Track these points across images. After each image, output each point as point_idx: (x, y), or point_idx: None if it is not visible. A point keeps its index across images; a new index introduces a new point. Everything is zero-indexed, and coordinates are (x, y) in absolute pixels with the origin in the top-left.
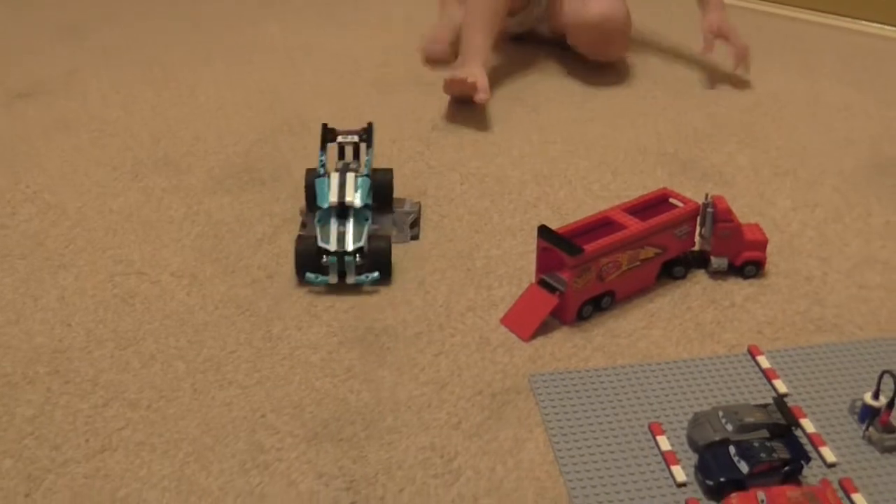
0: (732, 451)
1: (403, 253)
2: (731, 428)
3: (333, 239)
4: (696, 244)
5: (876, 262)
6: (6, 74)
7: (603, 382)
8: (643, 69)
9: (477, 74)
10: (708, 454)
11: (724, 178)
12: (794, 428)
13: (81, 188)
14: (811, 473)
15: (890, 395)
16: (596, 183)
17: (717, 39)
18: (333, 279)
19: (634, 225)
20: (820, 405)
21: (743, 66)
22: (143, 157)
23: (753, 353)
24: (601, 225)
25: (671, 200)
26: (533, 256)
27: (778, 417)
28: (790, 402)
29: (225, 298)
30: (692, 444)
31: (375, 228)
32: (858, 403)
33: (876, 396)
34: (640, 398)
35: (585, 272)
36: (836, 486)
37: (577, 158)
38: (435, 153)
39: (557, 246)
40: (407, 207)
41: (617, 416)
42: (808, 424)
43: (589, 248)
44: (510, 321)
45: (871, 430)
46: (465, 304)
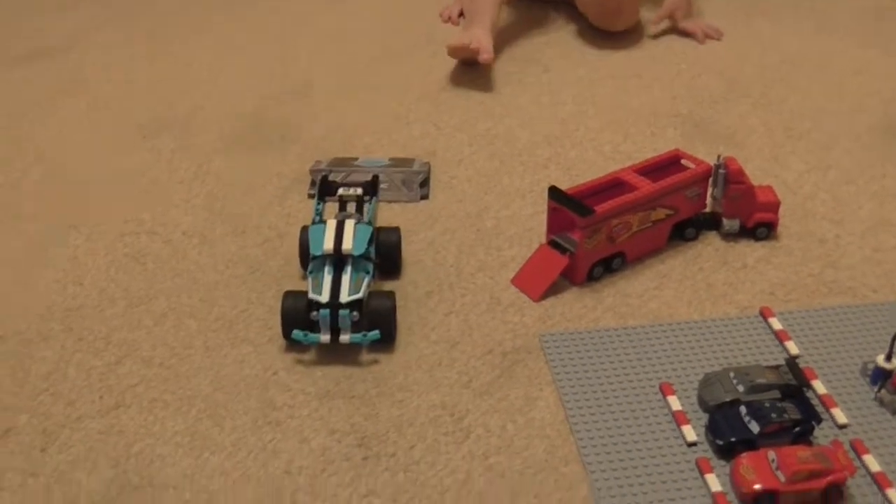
0: (743, 411)
1: (414, 213)
2: (742, 388)
3: (326, 289)
4: (707, 206)
5: (890, 224)
6: (12, 38)
7: (613, 342)
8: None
9: (480, 37)
10: (719, 414)
11: (736, 139)
12: (805, 389)
13: (90, 150)
14: (822, 434)
15: None
16: (607, 144)
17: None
18: (325, 337)
19: (646, 186)
20: (831, 367)
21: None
22: (150, 118)
23: (765, 314)
24: (612, 186)
25: (683, 162)
26: (543, 217)
27: (789, 378)
28: (802, 363)
29: (235, 258)
30: (703, 404)
31: (378, 237)
32: (870, 365)
33: (888, 358)
34: (650, 358)
35: (596, 233)
36: (847, 446)
37: (587, 119)
38: (443, 114)
39: (568, 207)
40: (416, 167)
41: (627, 375)
42: (819, 386)
43: (599, 209)
44: (521, 281)
45: (882, 391)
46: (475, 264)
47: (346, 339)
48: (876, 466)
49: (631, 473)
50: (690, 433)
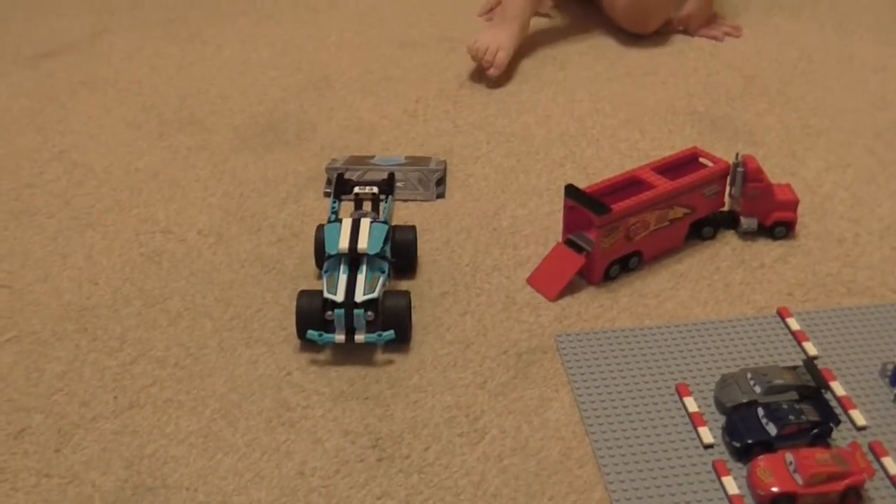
0: (760, 412)
1: (430, 212)
2: (759, 390)
3: (342, 289)
4: (725, 204)
5: None
6: (33, 34)
7: (630, 343)
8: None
9: (499, 47)
10: (736, 416)
11: (755, 137)
12: (823, 390)
13: (108, 147)
14: (840, 436)
15: None
16: (624, 142)
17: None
18: (340, 337)
19: (663, 184)
20: (850, 368)
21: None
22: (168, 115)
23: (783, 314)
24: (629, 184)
25: (701, 160)
26: (559, 216)
27: (807, 380)
28: (820, 364)
29: (251, 257)
30: (719, 405)
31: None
32: (889, 367)
33: None
34: (667, 359)
35: (613, 232)
36: (865, 449)
37: (604, 117)
38: (461, 111)
39: (585, 205)
40: (433, 165)
41: (643, 376)
42: (837, 387)
43: (616, 207)
44: (536, 281)
45: None
46: (490, 263)
47: (360, 338)
48: (895, 469)
49: (647, 475)
50: (707, 435)
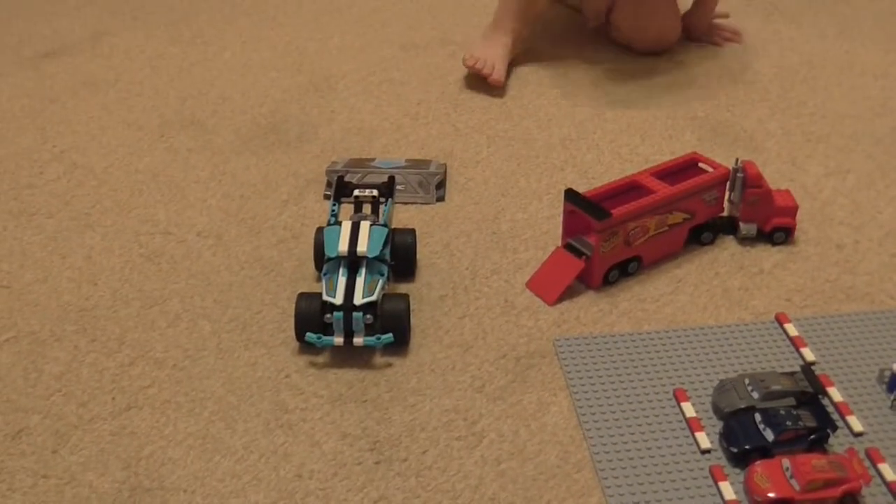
0: (758, 418)
1: (429, 215)
2: (756, 395)
3: (341, 292)
4: (725, 210)
5: None
6: (34, 34)
7: (628, 348)
8: None
9: (494, 62)
10: (733, 421)
11: (754, 143)
12: (820, 396)
13: (108, 148)
14: (837, 442)
15: None
16: (624, 147)
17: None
18: (339, 340)
19: (663, 189)
20: (848, 374)
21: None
22: (169, 116)
23: (781, 320)
24: (629, 189)
25: (700, 165)
26: (559, 220)
27: (805, 385)
28: (817, 370)
29: (251, 259)
30: (717, 411)
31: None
32: (887, 373)
33: None
34: (665, 364)
35: (612, 237)
36: (862, 455)
37: (604, 122)
38: (462, 115)
39: (584, 210)
40: (433, 168)
41: (641, 381)
42: (835, 393)
43: (616, 212)
44: (535, 285)
45: None
46: (490, 267)
47: (359, 341)
48: (892, 475)
49: (644, 480)
50: (704, 440)
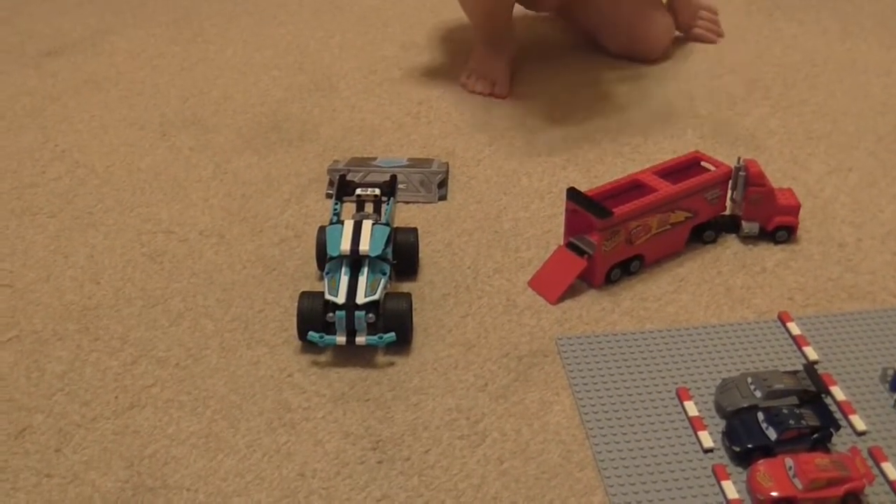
0: (761, 417)
1: (432, 214)
2: (759, 394)
3: (343, 291)
4: (727, 208)
5: None
6: (36, 33)
7: (630, 346)
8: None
9: (495, 77)
10: (736, 420)
11: (756, 141)
12: (823, 395)
13: (110, 147)
14: (840, 441)
15: None
16: (626, 145)
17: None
18: (341, 339)
19: (665, 188)
20: (850, 373)
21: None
22: (171, 115)
23: (784, 319)
24: (631, 188)
25: (703, 164)
26: (561, 219)
27: (807, 384)
28: (820, 369)
29: (253, 258)
30: (720, 409)
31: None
32: (890, 372)
33: None
34: (667, 363)
35: (614, 235)
36: (865, 454)
37: (607, 120)
38: (464, 114)
39: (586, 208)
40: (435, 167)
41: (644, 380)
42: (837, 392)
43: (618, 211)
44: (538, 284)
45: None
46: (492, 266)
47: (361, 340)
48: (895, 474)
49: (647, 479)
50: (707, 439)
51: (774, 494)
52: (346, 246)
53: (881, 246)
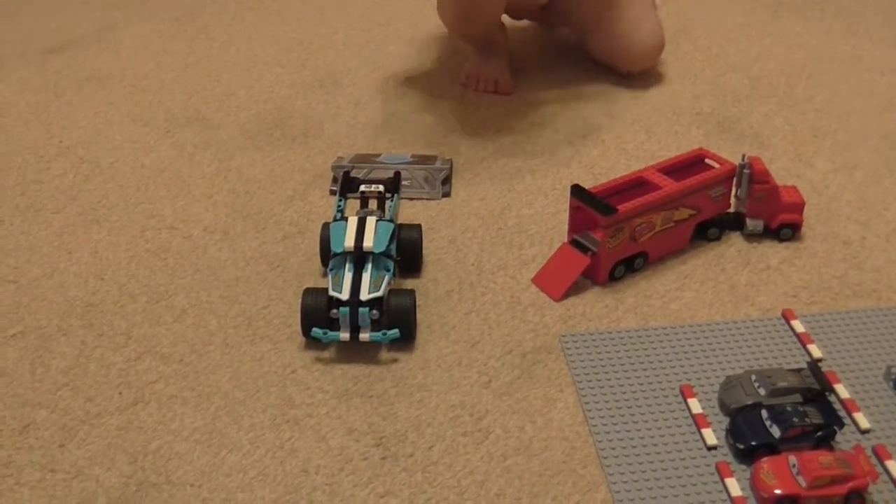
0: (764, 414)
1: (435, 211)
2: (763, 392)
3: (347, 287)
4: (731, 206)
5: None
6: (40, 29)
7: (634, 344)
8: (680, 29)
9: (497, 75)
10: (739, 418)
11: (761, 138)
12: (827, 393)
13: (114, 143)
14: (844, 439)
15: None
16: (630, 143)
17: None
18: (345, 335)
19: (669, 185)
20: (855, 371)
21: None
22: (175, 112)
23: (788, 316)
24: (635, 185)
25: (707, 161)
26: (565, 216)
27: (811, 382)
28: (824, 367)
29: (256, 254)
30: (723, 407)
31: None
32: (894, 370)
33: None
34: (671, 360)
35: (618, 232)
36: (869, 452)
37: (610, 118)
38: (468, 110)
39: (590, 206)
40: (439, 164)
41: (648, 377)
42: (842, 390)
43: (622, 208)
44: (541, 281)
45: None
46: (496, 262)
47: (365, 337)
48: None
49: (650, 476)
50: (711, 436)
51: (778, 492)
52: (349, 242)
53: (886, 244)
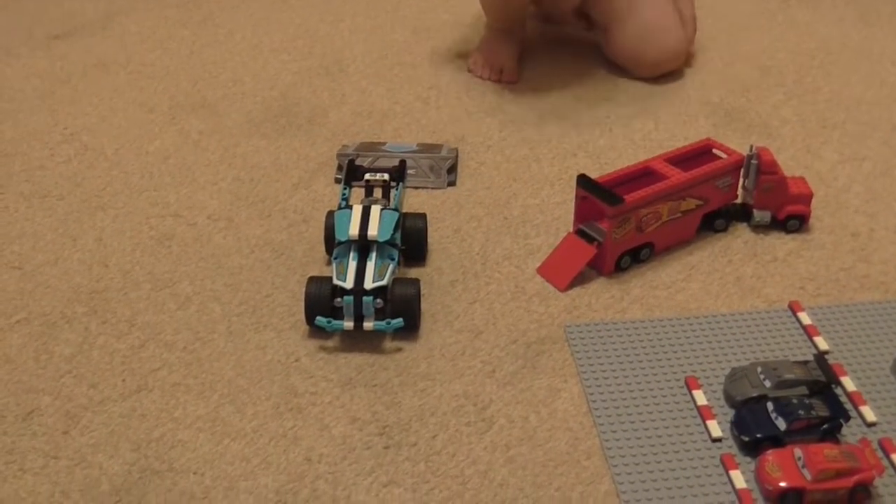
0: (770, 407)
1: (440, 199)
2: (769, 384)
3: (351, 276)
4: (738, 196)
5: None
6: (45, 15)
7: (640, 334)
8: None
9: (503, 63)
10: (745, 410)
11: (769, 129)
12: (833, 385)
13: (119, 130)
14: (850, 432)
15: None
16: (637, 132)
17: None
18: (349, 324)
19: (676, 175)
20: (861, 363)
21: None
22: (180, 99)
23: (794, 308)
24: (642, 175)
25: (714, 151)
26: (571, 206)
27: (818, 374)
28: (831, 359)
29: (261, 242)
30: (729, 399)
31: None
32: None
33: None
34: (676, 351)
35: (625, 223)
36: (875, 445)
37: (617, 107)
38: (474, 98)
39: (597, 195)
40: (444, 153)
41: (653, 368)
42: (848, 382)
43: (629, 198)
44: (546, 271)
45: None
46: (501, 252)
47: (369, 326)
48: None
49: (654, 468)
50: (716, 428)
51: (783, 485)
52: (354, 231)
53: (894, 236)
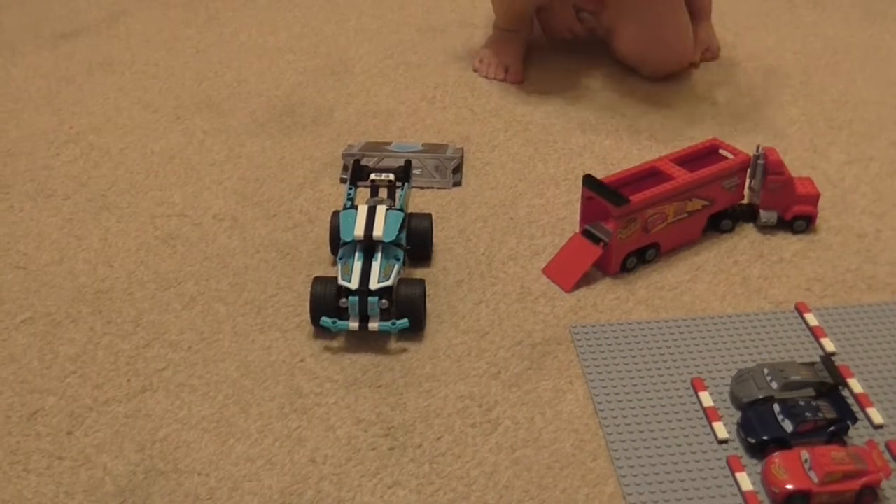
0: (777, 409)
1: (446, 200)
2: (776, 385)
3: (356, 276)
4: (745, 197)
5: None
6: (51, 15)
7: (645, 335)
8: None
9: (508, 62)
10: (751, 412)
11: (776, 129)
12: (840, 387)
13: (124, 129)
14: (857, 434)
15: None
16: (643, 132)
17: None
18: (354, 324)
19: (682, 176)
20: (868, 365)
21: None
22: (185, 98)
23: (801, 310)
24: (648, 175)
25: (721, 151)
26: (577, 206)
27: (825, 376)
28: (838, 361)
29: (266, 242)
30: (735, 401)
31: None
32: None
33: None
34: (682, 353)
35: (631, 223)
36: (882, 447)
37: (623, 106)
38: (479, 98)
39: (603, 196)
40: (450, 153)
41: (659, 370)
42: (855, 384)
43: (635, 198)
44: (552, 271)
45: None
46: (506, 252)
47: (374, 326)
48: None
49: (660, 470)
50: (722, 430)
51: (790, 487)
52: (359, 231)
53: None
